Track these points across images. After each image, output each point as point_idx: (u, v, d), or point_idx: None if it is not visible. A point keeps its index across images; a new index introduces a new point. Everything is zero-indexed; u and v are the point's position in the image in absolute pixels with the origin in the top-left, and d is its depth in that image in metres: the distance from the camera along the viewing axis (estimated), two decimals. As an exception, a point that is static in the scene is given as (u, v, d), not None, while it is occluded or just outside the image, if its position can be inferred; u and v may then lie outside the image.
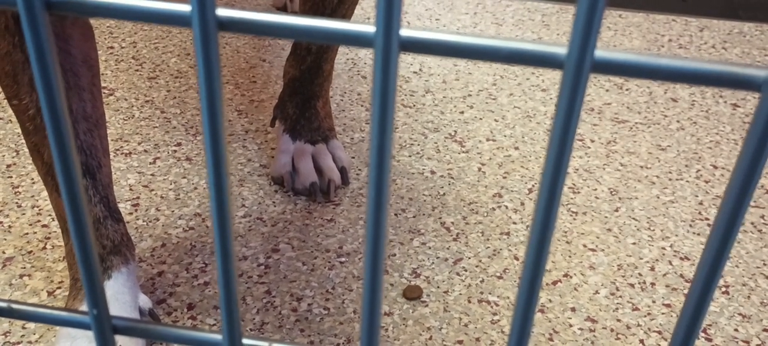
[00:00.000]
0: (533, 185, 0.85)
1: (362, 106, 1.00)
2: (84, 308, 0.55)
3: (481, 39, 0.20)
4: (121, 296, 0.57)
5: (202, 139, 0.88)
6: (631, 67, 0.19)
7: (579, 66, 0.19)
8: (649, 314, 0.67)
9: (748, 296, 0.70)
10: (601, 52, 0.19)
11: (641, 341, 0.64)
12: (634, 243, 0.76)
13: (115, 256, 0.58)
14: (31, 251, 0.71)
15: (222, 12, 0.21)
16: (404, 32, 0.20)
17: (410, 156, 0.89)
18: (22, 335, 0.62)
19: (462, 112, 0.99)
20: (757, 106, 0.19)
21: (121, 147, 0.87)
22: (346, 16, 0.75)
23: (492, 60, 0.20)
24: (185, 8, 0.20)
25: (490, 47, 0.20)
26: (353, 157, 0.88)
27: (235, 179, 0.83)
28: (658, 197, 0.84)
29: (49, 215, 0.76)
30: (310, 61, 0.78)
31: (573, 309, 0.68)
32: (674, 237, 0.78)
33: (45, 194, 0.79)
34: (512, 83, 1.07)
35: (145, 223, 0.75)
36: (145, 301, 0.60)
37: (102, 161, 0.56)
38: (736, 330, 0.66)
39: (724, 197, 0.21)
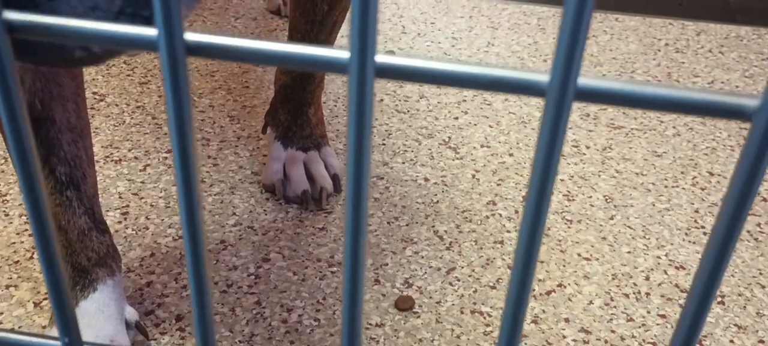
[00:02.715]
0: (527, 193, 0.84)
1: (356, 111, 0.99)
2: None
3: (461, 66, 0.19)
4: (107, 309, 0.56)
5: (193, 145, 0.87)
6: (615, 96, 0.18)
7: (561, 94, 0.19)
8: (643, 325, 0.67)
9: (744, 307, 0.69)
10: (584, 80, 0.19)
11: (636, 352, 0.64)
12: (629, 252, 0.76)
13: (101, 268, 0.57)
14: (17, 261, 0.70)
15: (190, 36, 0.20)
16: (380, 58, 0.19)
17: (404, 163, 0.89)
18: None
19: (456, 118, 0.99)
20: (748, 136, 0.19)
21: (111, 154, 0.87)
22: (336, 23, 0.74)
23: (472, 88, 0.19)
24: (151, 32, 0.20)
25: (469, 75, 0.19)
26: (346, 165, 0.87)
27: (226, 186, 0.82)
28: (654, 205, 0.83)
29: (37, 224, 0.75)
30: (302, 68, 0.77)
31: (567, 320, 0.67)
32: (669, 246, 0.77)
33: (33, 202, 0.78)
34: (507, 88, 1.07)
35: (134, 232, 0.75)
36: (131, 313, 0.59)
37: (87, 172, 0.55)
38: (731, 342, 0.65)
39: (715, 225, 0.20)
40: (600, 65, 1.16)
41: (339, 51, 0.19)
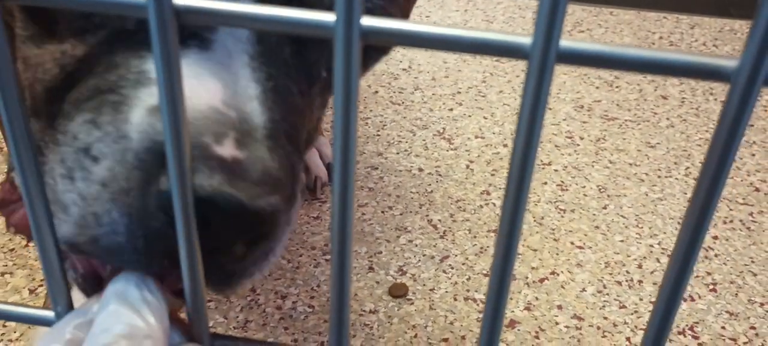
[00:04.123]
0: (521, 183, 0.84)
1: (351, 103, 0.99)
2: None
3: (445, 28, 0.20)
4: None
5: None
6: (597, 57, 0.19)
7: (544, 56, 0.19)
8: (635, 311, 0.67)
9: (736, 294, 0.70)
10: (565, 42, 0.19)
11: (628, 338, 0.64)
12: (621, 241, 0.76)
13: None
14: (13, 249, 0.70)
15: (179, 0, 0.20)
16: (365, 21, 0.19)
17: (398, 153, 0.89)
18: (3, 333, 0.61)
19: (451, 109, 0.99)
20: (727, 97, 0.19)
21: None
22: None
23: (455, 50, 0.20)
24: (140, -4, 0.20)
25: (453, 37, 0.19)
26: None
27: (221, 176, 0.83)
28: (647, 195, 0.84)
29: (32, 213, 0.75)
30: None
31: (560, 307, 0.67)
32: (662, 235, 0.77)
33: (28, 191, 0.78)
34: (502, 80, 1.07)
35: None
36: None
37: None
38: (723, 328, 0.66)
39: (694, 191, 0.21)
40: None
41: (324, 13, 0.20)
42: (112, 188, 0.27)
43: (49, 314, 0.28)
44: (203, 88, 0.28)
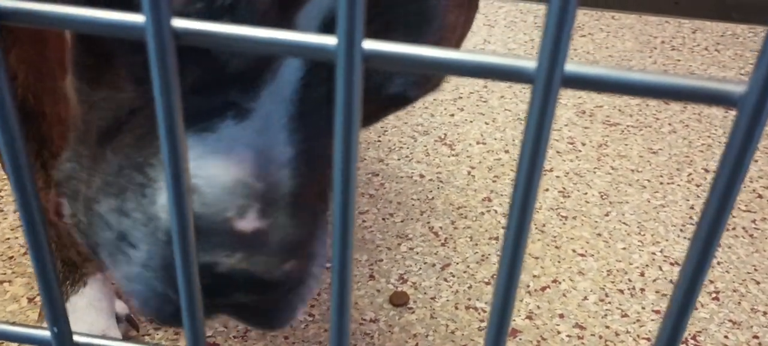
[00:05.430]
0: (523, 189, 0.84)
1: (351, 108, 0.99)
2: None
3: (448, 52, 0.19)
4: (98, 303, 0.56)
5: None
6: (602, 82, 0.18)
7: (549, 80, 0.19)
8: (638, 320, 0.67)
9: (739, 302, 0.69)
10: (571, 66, 0.19)
11: (630, 348, 0.64)
12: (624, 248, 0.76)
13: (91, 263, 0.57)
14: (12, 257, 0.70)
15: (178, 22, 0.20)
16: (368, 45, 0.19)
17: (399, 159, 0.89)
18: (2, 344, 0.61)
19: (452, 115, 0.99)
20: (734, 122, 0.19)
21: (107, 150, 0.86)
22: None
23: (459, 74, 0.19)
24: (139, 19, 0.20)
25: (456, 61, 0.19)
26: (341, 161, 0.87)
27: (221, 182, 0.82)
28: (649, 202, 0.83)
29: (32, 220, 0.75)
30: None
31: (561, 316, 0.67)
32: (665, 242, 0.77)
33: (28, 197, 0.78)
34: (503, 86, 1.07)
35: (129, 227, 0.74)
36: (122, 307, 0.59)
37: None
38: (725, 337, 0.66)
39: (703, 212, 0.20)
40: (596, 63, 1.16)
41: (326, 37, 0.19)
42: (152, 266, 0.30)
43: (46, 334, 0.27)
44: (232, 161, 0.29)
